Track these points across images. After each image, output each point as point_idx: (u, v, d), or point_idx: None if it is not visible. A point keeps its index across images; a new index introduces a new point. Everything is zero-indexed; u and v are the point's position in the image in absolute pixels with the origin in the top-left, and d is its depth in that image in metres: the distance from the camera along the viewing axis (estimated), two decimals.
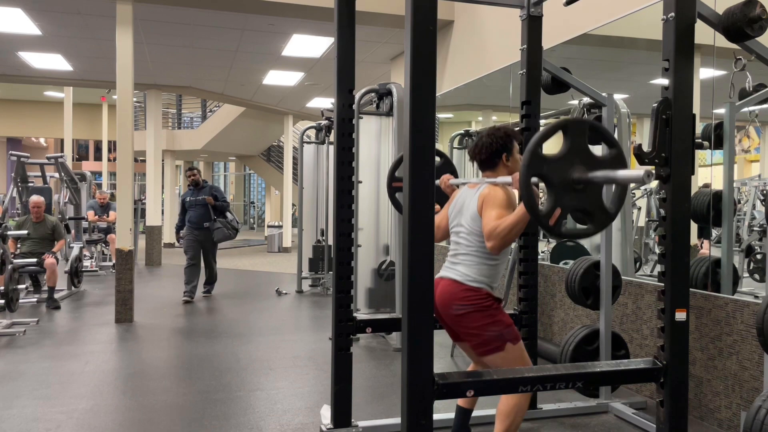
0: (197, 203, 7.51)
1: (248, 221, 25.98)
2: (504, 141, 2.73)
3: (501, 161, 2.73)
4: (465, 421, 2.97)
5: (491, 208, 2.53)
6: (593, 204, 2.05)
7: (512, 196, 2.61)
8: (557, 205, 2.00)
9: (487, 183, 2.65)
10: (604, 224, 2.11)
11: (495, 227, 2.46)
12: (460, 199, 2.81)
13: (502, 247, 2.50)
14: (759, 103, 3.67)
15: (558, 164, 2.01)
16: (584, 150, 2.04)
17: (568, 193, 2.01)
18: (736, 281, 3.82)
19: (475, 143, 2.79)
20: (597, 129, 2.11)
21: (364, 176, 5.79)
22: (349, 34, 3.10)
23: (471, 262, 2.65)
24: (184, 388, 4.12)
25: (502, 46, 5.95)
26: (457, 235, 2.75)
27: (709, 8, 2.44)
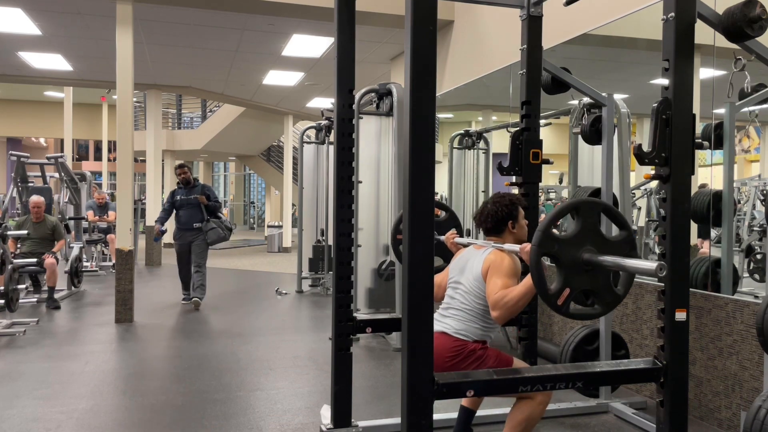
0: (188, 203, 7.03)
1: (248, 221, 25.98)
2: (509, 209, 2.78)
3: (507, 228, 2.79)
4: (468, 422, 2.97)
5: (497, 276, 2.55)
6: (602, 286, 2.08)
7: (518, 265, 2.64)
8: (566, 285, 2.03)
9: (494, 247, 2.68)
10: (612, 306, 2.15)
11: (502, 297, 2.47)
12: (464, 257, 2.83)
13: (508, 317, 2.52)
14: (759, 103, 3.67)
15: (569, 244, 2.05)
16: (595, 231, 2.08)
17: (578, 273, 2.05)
18: (736, 281, 3.83)
19: (480, 210, 2.85)
20: (610, 212, 2.16)
21: (364, 176, 5.78)
22: (349, 34, 3.10)
23: (462, 319, 2.68)
24: (184, 388, 4.12)
25: (502, 46, 5.95)
26: (455, 290, 2.77)
27: (709, 8, 2.44)
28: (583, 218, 2.08)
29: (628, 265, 2.00)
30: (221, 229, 7.02)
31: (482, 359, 2.65)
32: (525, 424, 2.60)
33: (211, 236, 6.96)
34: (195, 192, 7.09)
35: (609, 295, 2.09)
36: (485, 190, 7.29)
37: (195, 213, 7.02)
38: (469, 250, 2.86)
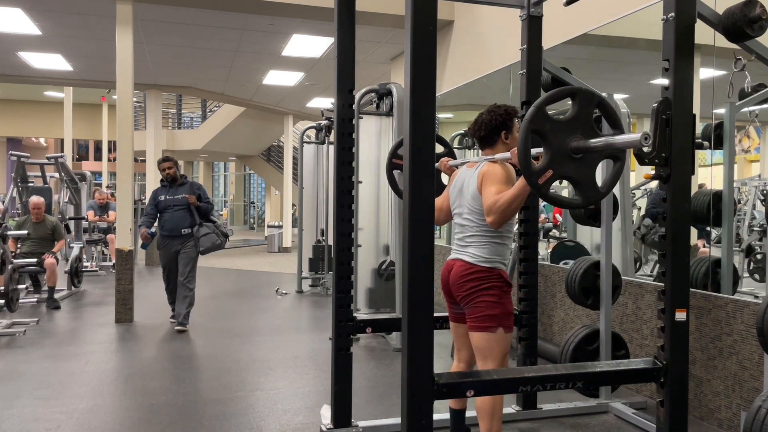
0: (175, 204, 5.85)
1: (248, 221, 25.98)
2: (503, 118, 2.74)
3: (500, 139, 2.75)
4: (460, 422, 2.97)
5: (490, 184, 2.55)
6: (585, 176, 2.06)
7: (511, 172, 2.62)
8: (550, 166, 2.00)
9: (486, 161, 2.66)
10: (591, 200, 2.11)
11: (494, 202, 2.47)
12: (459, 179, 2.81)
13: (502, 221, 2.51)
14: (759, 103, 3.67)
15: (560, 127, 2.02)
16: (589, 122, 2.05)
17: (565, 159, 2.02)
18: (736, 281, 3.82)
19: (475, 120, 2.80)
20: (605, 106, 2.12)
21: (364, 176, 5.78)
22: (349, 34, 3.10)
23: (480, 243, 2.66)
24: (184, 388, 4.11)
25: (502, 46, 5.95)
26: (461, 216, 2.76)
27: (709, 8, 2.44)
28: (579, 106, 2.05)
29: (616, 141, 1.99)
30: (216, 235, 5.88)
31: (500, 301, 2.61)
32: (491, 409, 2.61)
33: (204, 243, 5.81)
34: (183, 191, 5.91)
35: (591, 188, 2.06)
36: None
37: (183, 216, 5.85)
38: (462, 170, 2.83)
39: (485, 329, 2.61)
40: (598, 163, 2.08)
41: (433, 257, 1.99)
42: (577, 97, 2.06)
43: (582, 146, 2.02)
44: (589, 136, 2.03)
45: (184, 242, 5.83)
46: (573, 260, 3.98)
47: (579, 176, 2.04)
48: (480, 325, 2.61)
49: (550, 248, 5.90)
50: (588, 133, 2.03)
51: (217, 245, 5.88)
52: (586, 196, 2.07)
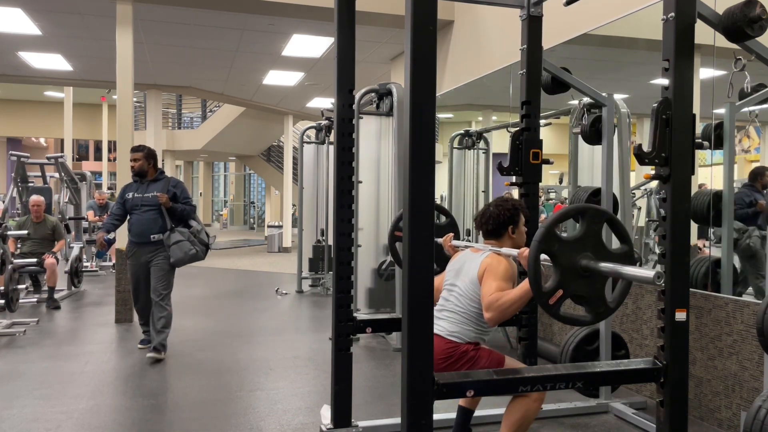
0: (144, 203, 4.83)
1: (248, 221, 25.98)
2: (511, 213, 2.79)
3: (507, 233, 2.79)
4: (466, 422, 2.97)
5: (493, 279, 2.55)
6: (595, 294, 2.08)
7: (514, 270, 2.65)
8: (560, 286, 2.04)
9: (491, 251, 2.68)
10: (602, 317, 2.15)
11: (496, 299, 2.48)
12: (460, 260, 2.84)
13: (500, 320, 2.53)
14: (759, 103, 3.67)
15: (569, 246, 2.05)
16: (598, 239, 2.08)
17: (574, 277, 2.05)
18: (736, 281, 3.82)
19: (482, 212, 2.84)
20: (614, 222, 2.16)
21: (364, 176, 5.78)
22: (349, 34, 3.10)
23: (455, 321, 2.69)
24: (183, 388, 4.11)
25: (502, 46, 5.95)
26: (450, 293, 2.77)
27: (709, 8, 2.44)
28: (588, 224, 2.08)
29: (625, 272, 2.00)
30: (191, 243, 4.81)
31: (474, 360, 2.65)
32: (521, 422, 2.60)
33: (174, 253, 4.76)
34: (155, 188, 4.90)
35: (601, 305, 2.09)
36: (485, 190, 7.29)
37: (153, 219, 4.82)
38: (466, 253, 2.86)
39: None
40: (607, 279, 2.10)
41: (433, 257, 1.99)
42: (586, 215, 2.10)
43: (592, 267, 2.05)
44: (598, 253, 2.06)
45: (155, 251, 4.81)
46: None
47: (588, 294, 2.08)
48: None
49: None
50: (597, 249, 2.07)
51: (191, 256, 4.79)
52: (596, 313, 2.11)
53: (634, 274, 1.99)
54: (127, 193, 4.97)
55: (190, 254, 4.78)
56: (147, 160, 4.94)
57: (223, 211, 26.81)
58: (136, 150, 4.99)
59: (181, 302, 7.35)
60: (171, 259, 4.78)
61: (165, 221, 4.82)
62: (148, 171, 4.96)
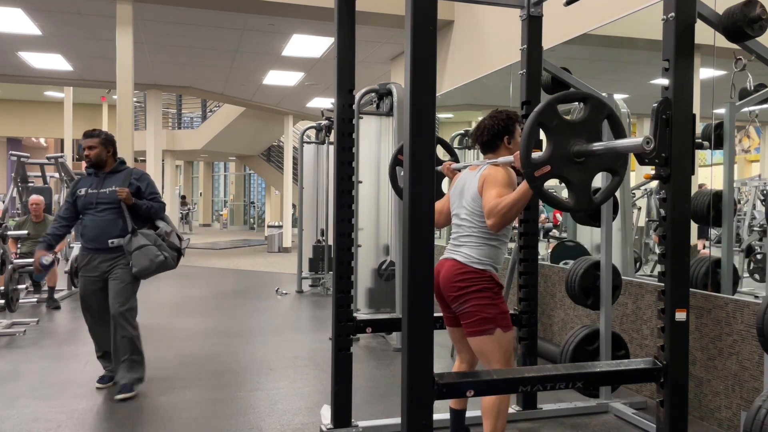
0: (101, 201, 3.88)
1: (248, 221, 25.99)
2: (506, 123, 2.75)
3: (503, 143, 2.75)
4: (460, 422, 2.97)
5: (492, 187, 2.54)
6: (582, 182, 2.06)
7: (513, 176, 2.63)
8: (549, 163, 2.01)
9: (488, 164, 2.66)
10: (583, 206, 2.10)
11: (496, 205, 2.47)
12: (461, 181, 2.81)
13: (503, 225, 2.50)
14: (759, 103, 3.67)
15: (567, 126, 2.02)
16: (596, 130, 2.05)
17: (565, 159, 2.02)
18: (736, 281, 3.83)
19: (477, 125, 2.81)
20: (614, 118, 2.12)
21: (364, 176, 5.78)
22: (349, 34, 3.10)
23: (474, 244, 2.65)
24: (184, 388, 4.11)
25: (502, 46, 5.95)
26: (458, 217, 2.76)
27: (709, 8, 2.44)
28: (589, 112, 2.05)
29: (618, 144, 1.99)
30: (159, 248, 3.89)
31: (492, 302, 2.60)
32: (496, 410, 2.60)
33: (138, 261, 3.81)
34: (114, 182, 3.93)
35: (585, 194, 2.06)
36: None
37: (112, 221, 3.86)
38: (464, 173, 2.83)
39: (483, 332, 2.59)
40: (597, 171, 2.08)
41: (433, 257, 1.99)
42: (588, 102, 2.07)
43: (584, 150, 2.02)
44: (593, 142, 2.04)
45: (113, 260, 3.85)
46: (573, 260, 3.98)
47: (576, 180, 2.04)
48: (477, 329, 2.60)
49: (550, 248, 5.90)
50: (592, 140, 2.04)
51: (158, 264, 3.87)
52: (578, 200, 2.07)
53: (624, 145, 1.98)
54: (79, 189, 3.96)
55: (157, 262, 3.85)
56: (105, 148, 3.94)
57: (223, 211, 26.81)
58: (90, 136, 3.98)
59: (181, 302, 7.35)
60: (133, 269, 3.82)
61: (126, 222, 3.85)
62: (106, 161, 3.96)
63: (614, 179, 2.12)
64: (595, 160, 2.05)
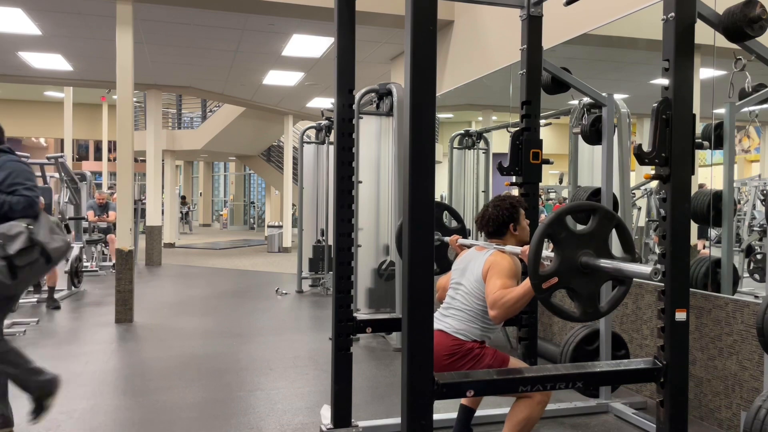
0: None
1: (248, 221, 25.99)
2: (510, 212, 2.80)
3: (509, 231, 2.81)
4: (467, 421, 2.97)
5: (497, 277, 2.57)
6: (589, 293, 2.09)
7: (518, 266, 2.66)
8: (557, 274, 2.04)
9: (495, 249, 2.70)
10: (589, 318, 2.15)
11: (500, 297, 2.49)
12: (465, 259, 2.85)
13: (505, 317, 2.54)
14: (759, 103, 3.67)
15: (575, 239, 2.06)
16: (603, 240, 2.09)
17: (573, 270, 2.06)
18: (736, 281, 3.83)
19: (482, 214, 2.86)
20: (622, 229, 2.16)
21: (364, 176, 5.78)
22: (349, 34, 3.10)
23: (462, 319, 2.70)
24: (184, 388, 4.11)
25: (502, 46, 5.94)
26: (456, 291, 2.79)
27: (709, 8, 2.44)
28: (597, 223, 2.09)
29: (625, 269, 2.01)
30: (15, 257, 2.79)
31: (479, 358, 2.66)
32: (524, 424, 2.60)
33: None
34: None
35: (591, 305, 2.09)
36: (485, 190, 7.29)
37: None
38: (471, 251, 2.88)
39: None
40: (603, 282, 2.12)
41: (433, 257, 1.99)
42: (597, 213, 2.11)
43: (592, 264, 2.05)
44: (601, 255, 2.07)
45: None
46: None
47: (582, 291, 2.08)
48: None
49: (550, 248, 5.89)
50: (600, 251, 2.07)
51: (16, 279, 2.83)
52: (585, 312, 2.10)
53: (632, 270, 2.00)
54: None
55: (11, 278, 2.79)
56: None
57: (223, 211, 26.81)
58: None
59: (181, 302, 7.35)
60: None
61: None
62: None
63: (620, 288, 2.14)
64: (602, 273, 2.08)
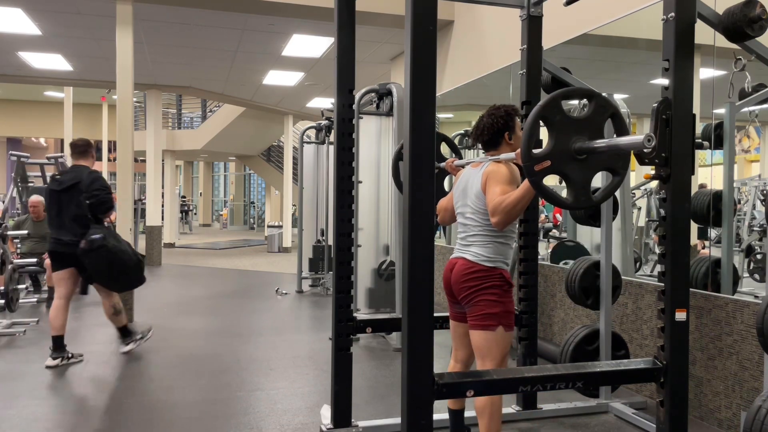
0: None
1: (248, 221, 26.00)
2: (505, 119, 2.74)
3: (504, 140, 2.75)
4: (460, 422, 2.97)
5: (495, 185, 2.55)
6: (582, 179, 2.04)
7: (516, 173, 2.62)
8: (550, 158, 1.99)
9: (491, 161, 2.66)
10: (582, 204, 2.09)
11: (500, 202, 2.47)
12: (463, 179, 2.81)
13: (507, 222, 2.51)
14: (759, 103, 3.67)
15: (570, 122, 2.01)
16: (599, 128, 2.05)
17: (566, 155, 2.01)
18: (736, 281, 3.82)
19: (477, 124, 2.80)
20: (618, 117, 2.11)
21: (364, 176, 5.78)
22: (349, 34, 3.10)
23: (482, 242, 2.66)
24: (184, 388, 4.11)
25: (502, 46, 5.95)
26: (464, 216, 2.76)
27: (709, 8, 2.44)
28: (593, 110, 2.04)
29: (620, 142, 1.97)
30: None
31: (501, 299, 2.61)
32: (490, 409, 2.60)
33: None
34: None
35: (584, 192, 2.05)
36: None
37: None
38: (467, 170, 2.83)
39: (485, 327, 2.61)
40: (598, 170, 2.07)
41: (433, 257, 1.99)
42: (593, 100, 2.07)
43: (586, 147, 2.01)
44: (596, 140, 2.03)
45: None
46: (573, 260, 3.98)
47: (576, 177, 2.03)
48: (480, 323, 2.62)
49: (550, 248, 5.90)
50: (595, 139, 2.03)
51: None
52: (577, 198, 2.05)
53: (626, 142, 1.96)
54: None
55: None
56: None
57: (223, 211, 26.81)
58: None
59: (181, 302, 7.35)
60: None
61: None
62: None
63: (614, 179, 2.11)
64: (597, 158, 2.04)
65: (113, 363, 4.76)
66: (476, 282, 2.62)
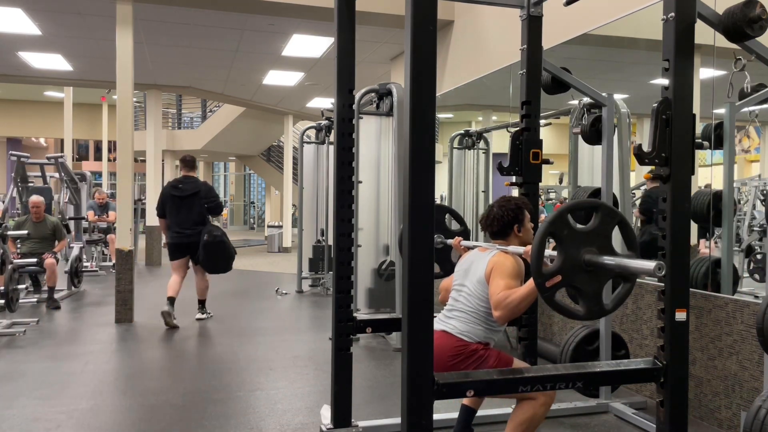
0: None
1: (248, 221, 25.99)
2: (515, 213, 2.79)
3: (513, 232, 2.80)
4: (468, 421, 2.97)
5: (500, 277, 2.56)
6: (593, 291, 2.07)
7: (521, 267, 2.65)
8: (560, 272, 2.02)
9: (498, 250, 2.69)
10: (594, 315, 2.12)
11: (504, 297, 2.48)
12: (468, 260, 2.84)
13: (509, 318, 2.54)
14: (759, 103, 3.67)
15: (578, 237, 2.04)
16: (606, 237, 2.07)
17: (576, 268, 2.04)
18: (736, 281, 3.82)
19: (486, 214, 2.85)
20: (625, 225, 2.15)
21: (364, 176, 5.78)
22: (349, 34, 3.10)
23: (465, 320, 2.69)
24: (184, 388, 4.11)
25: (502, 46, 5.94)
26: (459, 293, 2.78)
27: (709, 8, 2.44)
28: (600, 220, 2.08)
29: (630, 265, 1.99)
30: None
31: (483, 359, 2.65)
32: (527, 425, 2.59)
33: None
34: None
35: (596, 303, 2.08)
36: (485, 190, 7.29)
37: None
38: (473, 252, 2.87)
39: None
40: (608, 279, 2.09)
41: (433, 257, 1.99)
42: (599, 211, 2.09)
43: (595, 261, 2.03)
44: (604, 252, 2.05)
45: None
46: None
47: (586, 289, 2.06)
48: None
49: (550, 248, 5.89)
50: (603, 248, 2.06)
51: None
52: (589, 309, 2.08)
53: (636, 266, 1.98)
54: None
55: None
56: None
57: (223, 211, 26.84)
58: None
59: (180, 302, 7.33)
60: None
61: None
62: None
63: (625, 285, 2.12)
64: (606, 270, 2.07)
65: (113, 363, 4.76)
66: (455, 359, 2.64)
